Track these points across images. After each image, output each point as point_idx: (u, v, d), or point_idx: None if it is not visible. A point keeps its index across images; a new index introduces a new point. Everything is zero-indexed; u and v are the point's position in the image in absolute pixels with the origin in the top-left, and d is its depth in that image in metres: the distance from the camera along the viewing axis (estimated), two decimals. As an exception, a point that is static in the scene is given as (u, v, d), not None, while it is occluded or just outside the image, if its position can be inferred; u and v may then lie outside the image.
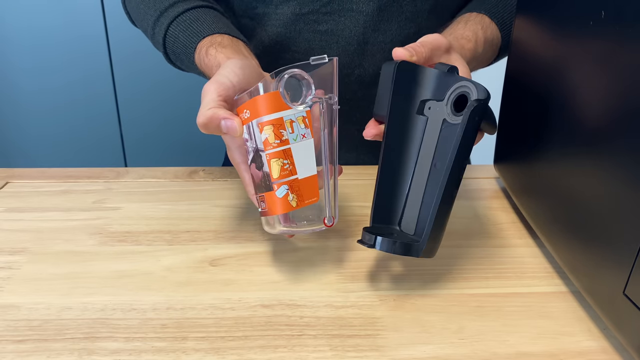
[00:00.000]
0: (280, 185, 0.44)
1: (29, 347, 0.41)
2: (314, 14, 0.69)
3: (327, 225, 0.46)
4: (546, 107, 0.50)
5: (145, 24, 0.68)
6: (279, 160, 0.44)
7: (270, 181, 0.44)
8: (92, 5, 1.68)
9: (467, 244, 0.55)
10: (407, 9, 0.69)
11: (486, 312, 0.45)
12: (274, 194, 0.44)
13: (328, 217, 0.46)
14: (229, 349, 0.41)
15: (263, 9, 0.71)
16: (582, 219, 0.44)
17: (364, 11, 0.68)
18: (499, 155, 0.64)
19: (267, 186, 0.45)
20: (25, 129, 1.85)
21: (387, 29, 0.70)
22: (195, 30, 0.62)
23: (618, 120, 0.38)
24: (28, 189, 0.64)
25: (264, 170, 0.45)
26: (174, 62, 0.69)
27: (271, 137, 0.44)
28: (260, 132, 0.44)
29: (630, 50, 0.36)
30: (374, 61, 0.71)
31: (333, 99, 0.46)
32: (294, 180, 0.44)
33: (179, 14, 0.64)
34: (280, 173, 0.44)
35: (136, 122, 1.86)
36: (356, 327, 0.43)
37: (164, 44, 0.66)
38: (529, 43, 0.55)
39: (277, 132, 0.44)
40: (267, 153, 0.44)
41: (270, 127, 0.44)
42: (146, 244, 0.54)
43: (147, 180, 0.67)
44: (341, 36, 0.70)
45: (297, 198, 0.44)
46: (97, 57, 1.75)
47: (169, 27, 0.65)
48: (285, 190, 0.44)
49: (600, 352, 0.42)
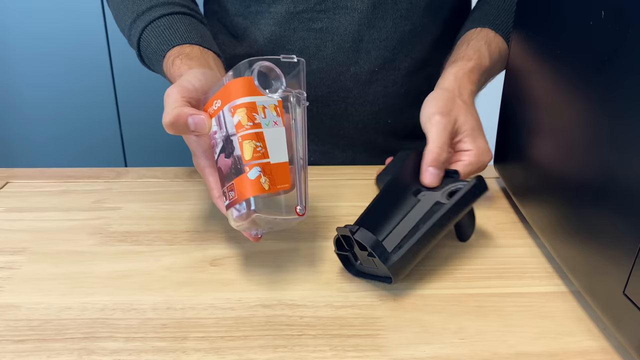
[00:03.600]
0: (253, 167, 0.43)
1: (28, 347, 0.41)
2: (308, 12, 0.69)
3: (299, 214, 0.44)
4: (546, 107, 0.50)
5: (123, 24, 0.68)
6: (252, 142, 0.43)
7: (242, 164, 0.43)
8: (93, 6, 1.68)
9: (467, 244, 0.55)
10: (402, 6, 0.69)
11: (486, 312, 0.45)
12: (245, 176, 0.43)
13: (300, 206, 0.45)
14: (229, 349, 0.41)
15: (256, 8, 0.71)
16: (582, 218, 0.44)
17: (358, 8, 0.68)
18: (499, 155, 0.64)
19: (238, 170, 0.44)
20: (26, 129, 1.85)
21: (382, 26, 0.70)
22: (166, 38, 0.62)
23: (618, 120, 0.38)
24: (28, 189, 0.64)
25: (234, 155, 0.44)
26: (148, 65, 0.68)
27: (244, 120, 0.44)
28: (233, 116, 0.44)
29: (629, 53, 0.36)
30: (369, 58, 0.71)
31: (303, 95, 0.46)
32: (266, 163, 0.43)
33: (154, 19, 0.63)
34: (252, 155, 0.43)
35: (136, 122, 1.86)
36: (356, 327, 0.43)
37: (138, 46, 0.66)
38: (528, 43, 0.55)
39: (250, 115, 0.44)
40: (240, 135, 0.43)
41: (244, 109, 0.44)
42: (146, 244, 0.54)
43: (147, 180, 0.67)
44: (336, 34, 0.70)
45: (270, 181, 0.43)
46: (97, 57, 1.75)
47: (143, 31, 0.64)
48: (258, 172, 0.43)
49: (600, 352, 0.42)
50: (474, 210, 0.54)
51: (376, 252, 0.44)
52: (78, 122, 1.84)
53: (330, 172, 0.70)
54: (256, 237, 0.48)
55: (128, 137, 1.89)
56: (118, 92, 1.81)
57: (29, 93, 1.79)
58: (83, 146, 1.88)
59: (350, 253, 0.48)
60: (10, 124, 1.84)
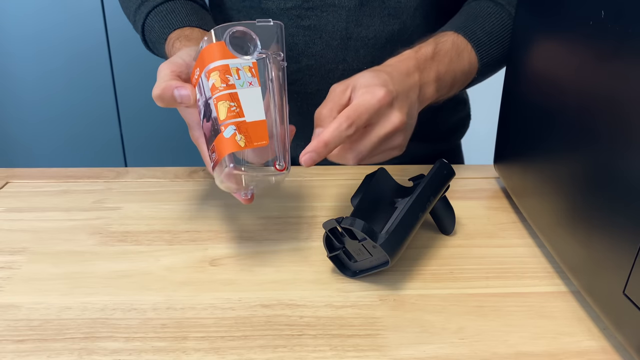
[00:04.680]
0: (228, 126, 0.44)
1: (29, 347, 0.41)
2: (296, 9, 0.70)
3: (277, 169, 0.45)
4: (546, 106, 0.50)
5: (128, 10, 0.72)
6: (226, 102, 0.44)
7: (218, 124, 0.44)
8: (93, 6, 1.68)
9: (467, 244, 0.55)
10: (390, 4, 0.69)
11: (486, 312, 0.45)
12: (221, 135, 0.44)
13: (279, 161, 0.45)
14: (229, 349, 0.41)
15: (250, 3, 0.72)
16: (582, 218, 0.44)
17: (345, 6, 0.69)
18: (499, 155, 0.64)
19: (216, 131, 0.45)
20: (26, 129, 1.85)
21: (370, 24, 0.70)
22: (168, 22, 0.65)
23: (618, 120, 0.38)
24: (28, 189, 0.64)
25: (212, 117, 0.45)
26: (152, 49, 0.72)
27: (217, 82, 0.45)
28: (208, 80, 0.45)
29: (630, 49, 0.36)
30: (358, 56, 0.72)
31: (280, 56, 0.47)
32: (241, 122, 0.44)
33: (158, 5, 0.68)
34: (227, 114, 0.44)
35: (136, 122, 1.86)
36: (356, 327, 0.43)
37: (143, 31, 0.70)
38: (528, 43, 0.55)
39: (224, 77, 0.45)
40: (214, 97, 0.44)
41: (217, 72, 0.45)
42: (146, 244, 0.54)
43: (147, 180, 0.67)
44: (324, 31, 0.70)
45: (245, 139, 0.44)
46: (97, 57, 1.75)
47: (147, 16, 0.68)
48: (233, 130, 0.44)
49: (600, 352, 0.42)
50: (450, 202, 0.56)
51: (366, 233, 0.44)
52: (78, 122, 1.84)
53: (331, 172, 0.70)
54: (246, 198, 0.49)
55: (128, 137, 1.89)
56: (118, 92, 1.81)
57: (29, 93, 1.79)
58: (83, 146, 1.88)
59: (343, 250, 0.48)
60: (10, 124, 1.84)
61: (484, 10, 0.65)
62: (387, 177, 0.55)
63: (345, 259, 0.49)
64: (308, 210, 0.61)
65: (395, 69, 0.55)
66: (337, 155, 0.51)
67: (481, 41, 0.63)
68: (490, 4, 0.66)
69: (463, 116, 0.87)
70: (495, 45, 0.63)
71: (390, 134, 0.51)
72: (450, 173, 0.53)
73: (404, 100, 0.52)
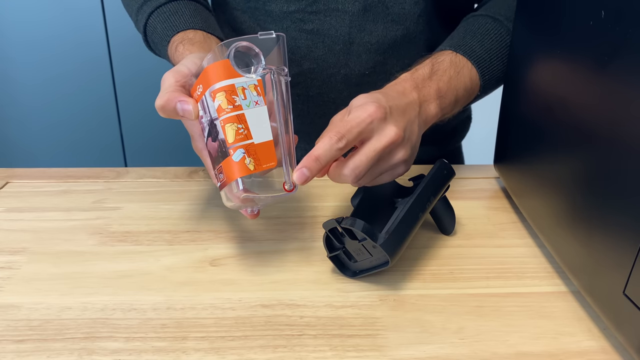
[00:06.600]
0: (237, 150, 0.44)
1: (29, 347, 0.41)
2: (299, 13, 0.70)
3: (287, 190, 0.45)
4: (546, 107, 0.50)
5: (130, 8, 0.71)
6: (233, 124, 0.44)
7: (226, 147, 0.44)
8: (93, 6, 1.68)
9: (467, 244, 0.55)
10: (394, 10, 0.69)
11: (486, 312, 0.45)
12: (230, 158, 0.44)
13: (288, 183, 0.45)
14: (229, 349, 0.41)
15: (254, 4, 0.72)
16: (582, 218, 0.44)
17: (349, 11, 0.68)
18: (499, 155, 0.64)
19: (224, 153, 0.44)
20: (26, 129, 1.85)
21: (373, 29, 0.70)
22: (171, 24, 0.64)
23: (617, 121, 0.38)
24: (28, 189, 0.64)
25: (219, 138, 0.45)
26: (153, 49, 0.71)
27: (224, 103, 0.44)
28: (214, 101, 0.45)
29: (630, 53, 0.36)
30: (360, 61, 0.71)
31: (284, 71, 0.46)
32: (249, 144, 0.44)
33: (161, 5, 0.66)
34: (235, 137, 0.44)
35: (136, 122, 1.86)
36: (356, 327, 0.43)
37: (145, 31, 0.68)
38: (528, 44, 0.55)
39: (230, 98, 0.44)
40: (221, 119, 0.44)
41: (223, 93, 0.44)
42: (146, 244, 0.54)
43: (147, 180, 0.67)
44: (327, 35, 0.70)
45: (255, 162, 0.44)
46: (97, 57, 1.75)
47: (149, 16, 0.67)
48: (242, 154, 0.44)
49: (600, 352, 0.42)
50: (450, 202, 0.56)
51: (366, 233, 0.44)
52: (78, 122, 1.84)
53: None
54: (252, 214, 0.49)
55: (128, 137, 1.89)
56: (118, 92, 1.81)
57: (29, 93, 1.79)
58: (83, 146, 1.88)
59: (343, 251, 0.48)
60: (10, 124, 1.84)
61: (483, 26, 0.64)
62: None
63: (345, 259, 0.49)
64: (308, 210, 0.61)
65: (391, 90, 0.55)
66: (333, 173, 0.49)
67: (481, 58, 0.62)
68: (489, 20, 0.65)
69: (464, 118, 0.87)
70: (495, 62, 0.63)
71: (387, 147, 0.49)
72: (450, 173, 0.53)
73: (399, 115, 0.51)
